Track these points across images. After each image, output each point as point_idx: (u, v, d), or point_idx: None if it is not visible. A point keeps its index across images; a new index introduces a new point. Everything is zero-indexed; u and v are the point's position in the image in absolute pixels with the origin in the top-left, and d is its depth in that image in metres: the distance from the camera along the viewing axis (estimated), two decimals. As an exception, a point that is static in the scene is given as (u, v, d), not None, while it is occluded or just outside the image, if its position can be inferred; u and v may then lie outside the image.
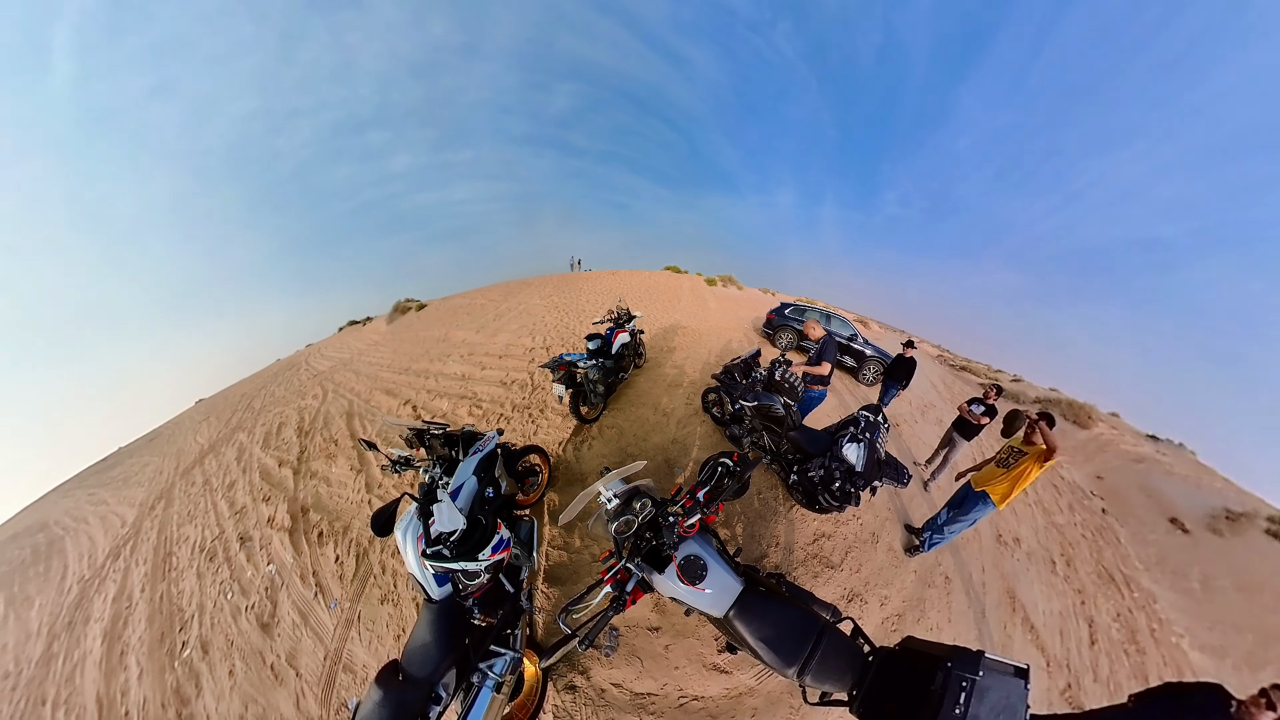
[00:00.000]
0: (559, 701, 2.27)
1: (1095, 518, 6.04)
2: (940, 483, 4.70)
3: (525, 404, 5.41)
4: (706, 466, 2.38)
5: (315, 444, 5.97)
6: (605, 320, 5.38)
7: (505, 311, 11.63)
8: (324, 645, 3.01)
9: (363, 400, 7.26)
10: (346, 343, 13.97)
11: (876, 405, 3.04)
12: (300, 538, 4.05)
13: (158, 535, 5.42)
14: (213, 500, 5.62)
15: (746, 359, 3.75)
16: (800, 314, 8.22)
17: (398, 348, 10.59)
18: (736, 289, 18.15)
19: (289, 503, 4.66)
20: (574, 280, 16.38)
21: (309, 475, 5.11)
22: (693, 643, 2.48)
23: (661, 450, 4.03)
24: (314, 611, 3.26)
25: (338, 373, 9.90)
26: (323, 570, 3.57)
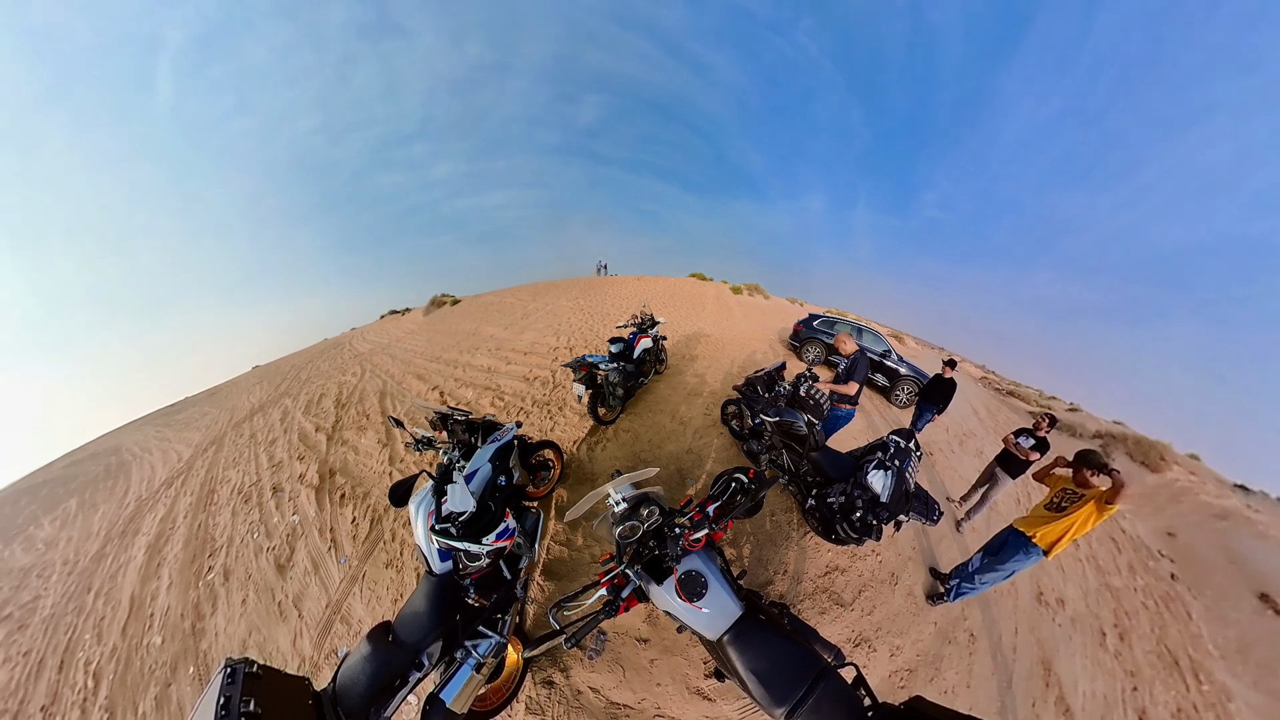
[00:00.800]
0: (534, 693, 2.28)
1: (1162, 584, 5.05)
2: (976, 524, 4.23)
3: (545, 400, 5.55)
4: (720, 481, 2.26)
5: (349, 416, 6.49)
6: (629, 325, 5.41)
7: (533, 311, 12.07)
8: (328, 594, 3.24)
9: (395, 382, 7.79)
10: (386, 329, 15.05)
11: (909, 430, 2.77)
12: (324, 496, 4.41)
13: (205, 473, 6.15)
14: (255, 452, 6.26)
15: (770, 371, 3.56)
16: (829, 326, 7.82)
17: (431, 337, 11.32)
18: (763, 298, 17.65)
19: (319, 464, 5.08)
20: (600, 284, 16.70)
21: (340, 442, 5.54)
22: (680, 662, 2.38)
23: (675, 459, 3.94)
24: (325, 563, 3.52)
25: (376, 355, 10.71)
26: (339, 528, 3.84)
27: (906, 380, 6.62)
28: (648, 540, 1.67)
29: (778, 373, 3.54)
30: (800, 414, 2.87)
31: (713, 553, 1.74)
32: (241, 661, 1.37)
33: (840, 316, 8.50)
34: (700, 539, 1.64)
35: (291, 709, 1.38)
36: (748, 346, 7.96)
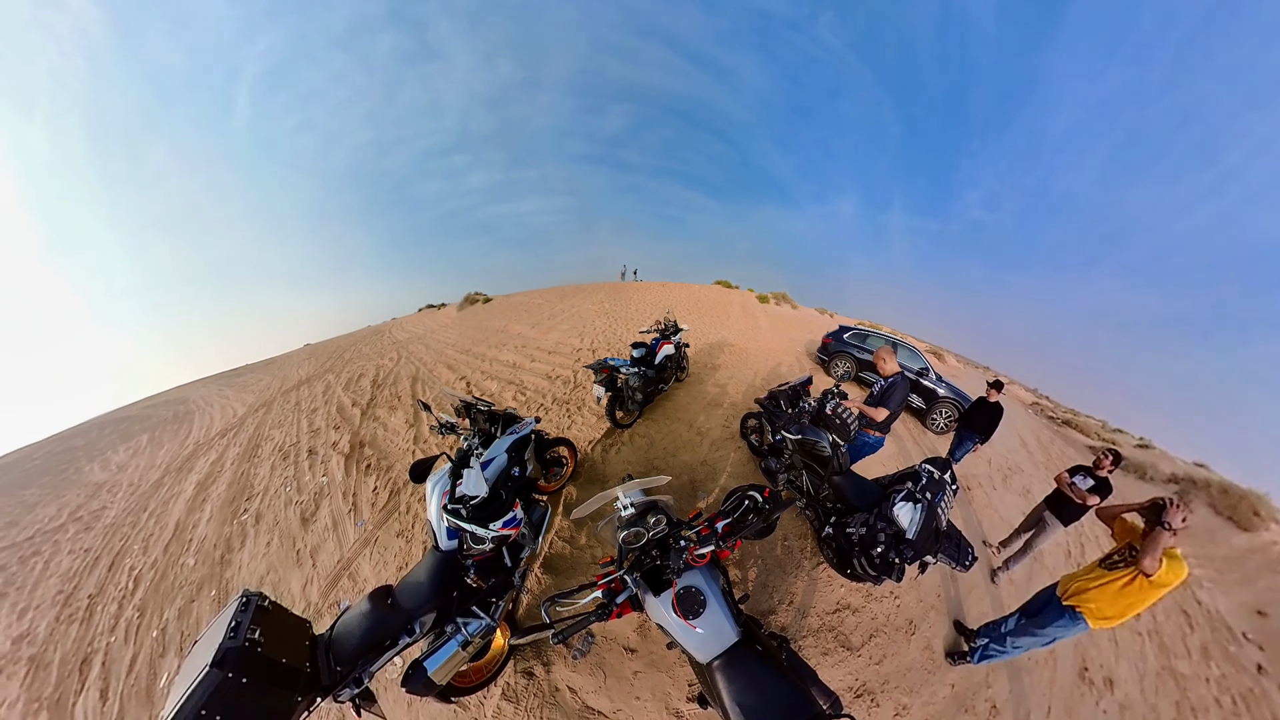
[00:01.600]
0: (513, 681, 2.30)
1: (1244, 677, 3.93)
2: (1015, 576, 3.68)
3: (565, 399, 5.65)
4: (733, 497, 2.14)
5: (383, 395, 7.00)
6: (652, 330, 5.37)
7: (559, 312, 12.42)
8: (341, 551, 3.51)
9: (427, 369, 8.28)
10: (423, 321, 16.26)
11: (945, 460, 2.49)
12: (352, 464, 4.77)
13: (254, 430, 7.03)
14: (298, 417, 7.00)
15: (795, 386, 3.37)
16: (861, 340, 7.24)
17: (463, 331, 11.94)
18: (790, 308, 16.92)
19: (352, 435, 5.53)
20: (625, 289, 17.03)
21: (372, 418, 6.00)
22: (663, 679, 2.29)
23: (689, 470, 3.84)
24: (344, 523, 3.82)
25: (412, 344, 11.44)
26: (361, 494, 4.15)
27: (945, 402, 5.94)
28: (651, 549, 1.63)
29: (803, 387, 3.35)
30: (824, 433, 2.68)
31: (716, 571, 1.67)
32: (256, 594, 1.51)
33: (873, 329, 7.80)
34: (705, 555, 1.58)
35: (290, 644, 1.49)
36: (772, 358, 7.68)
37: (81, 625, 3.63)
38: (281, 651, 1.43)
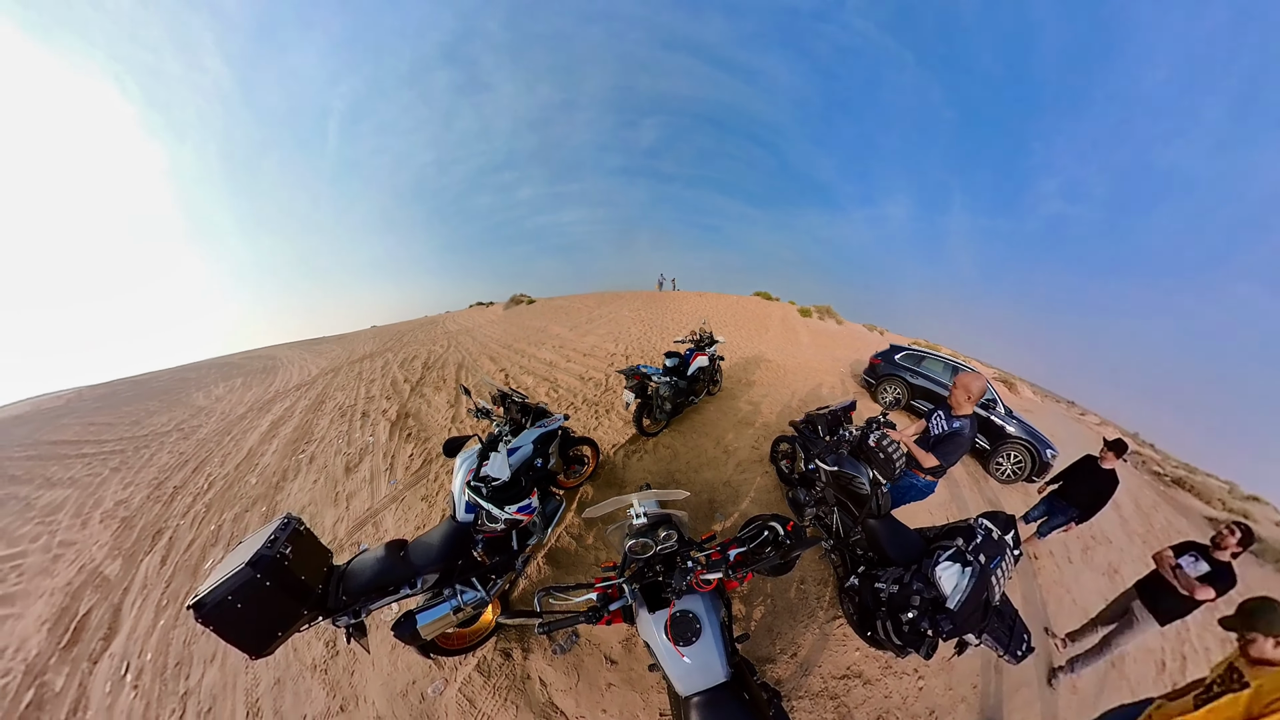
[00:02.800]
0: (490, 656, 2.35)
1: None
2: (1081, 682, 2.76)
3: (595, 401, 5.76)
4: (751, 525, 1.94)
5: (431, 376, 7.86)
6: (686, 340, 5.31)
7: (597, 317, 12.91)
8: (372, 502, 3.96)
9: (472, 358, 9.09)
10: (472, 316, 17.96)
11: (1009, 518, 2.05)
12: (396, 431, 5.38)
13: (322, 389, 8.40)
14: (358, 384, 8.20)
15: (837, 410, 3.04)
16: (916, 362, 6.30)
17: (507, 329, 12.81)
18: (835, 323, 15.75)
19: (400, 406, 6.30)
20: (661, 298, 17.35)
21: (419, 395, 6.76)
22: (635, 699, 2.17)
23: (710, 488, 3.65)
24: (379, 479, 4.30)
25: (461, 335, 12.64)
26: (399, 458, 4.65)
27: (1015, 445, 4.88)
28: (656, 563, 1.57)
29: (845, 413, 3.02)
30: (864, 468, 2.39)
31: (719, 601, 1.56)
32: (295, 519, 1.76)
33: (930, 350, 6.67)
34: (711, 581, 1.47)
35: (311, 566, 1.72)
36: (813, 378, 7.18)
37: (163, 506, 4.69)
38: (303, 570, 1.64)
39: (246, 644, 1.49)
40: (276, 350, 16.56)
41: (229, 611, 1.43)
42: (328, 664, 2.50)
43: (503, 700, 2.17)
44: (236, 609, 1.44)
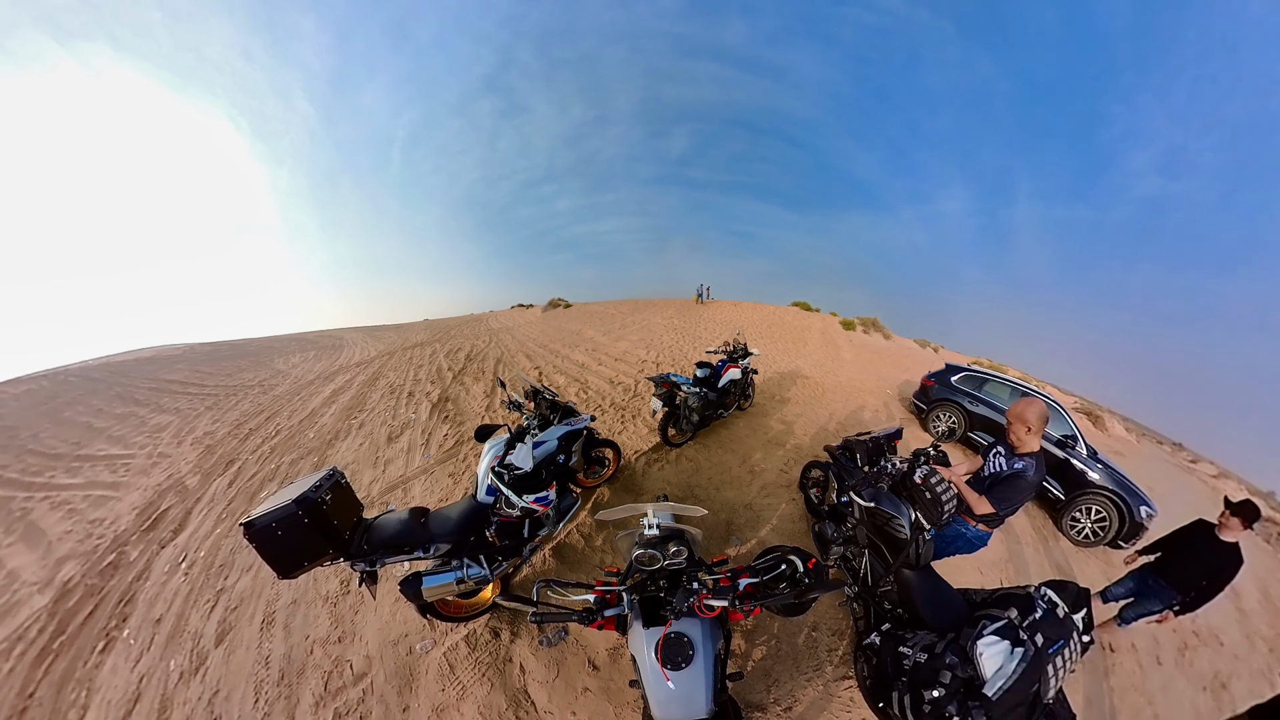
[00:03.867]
0: (479, 630, 2.44)
1: None
2: None
3: (622, 405, 5.79)
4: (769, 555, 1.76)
5: (472, 367, 8.71)
6: (719, 351, 5.15)
7: (630, 324, 13.31)
8: (405, 470, 4.42)
9: (510, 355, 9.80)
10: (513, 316, 19.76)
11: (1082, 592, 1.62)
12: (436, 411, 5.99)
13: (377, 368, 9.63)
14: (408, 368, 9.32)
15: (879, 438, 2.72)
16: (976, 386, 5.44)
17: (544, 329, 13.65)
18: (881, 337, 14.45)
19: (442, 390, 7.09)
20: (696, 307, 17.28)
21: (459, 382, 7.54)
22: (608, 711, 2.10)
23: (729, 509, 3.45)
24: (415, 452, 4.79)
25: (502, 332, 13.82)
26: (434, 436, 5.14)
27: (1098, 496, 3.87)
28: (660, 577, 1.51)
29: (889, 441, 2.71)
30: (906, 508, 2.10)
31: (718, 631, 1.46)
32: (339, 473, 2.01)
33: (993, 372, 5.68)
34: (714, 609, 1.38)
35: (343, 514, 1.96)
36: (854, 398, 6.65)
37: (239, 442, 5.88)
38: (337, 516, 1.88)
39: (278, 565, 1.74)
40: (344, 332, 19.56)
41: (270, 536, 1.69)
42: (338, 599, 2.81)
43: (481, 674, 2.25)
44: (277, 535, 1.70)
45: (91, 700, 2.50)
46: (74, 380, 10.68)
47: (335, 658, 2.46)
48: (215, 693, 2.41)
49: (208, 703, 2.37)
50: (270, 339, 18.64)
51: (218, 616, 2.91)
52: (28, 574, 3.63)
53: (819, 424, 5.27)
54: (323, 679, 2.36)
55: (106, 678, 2.63)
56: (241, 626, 2.80)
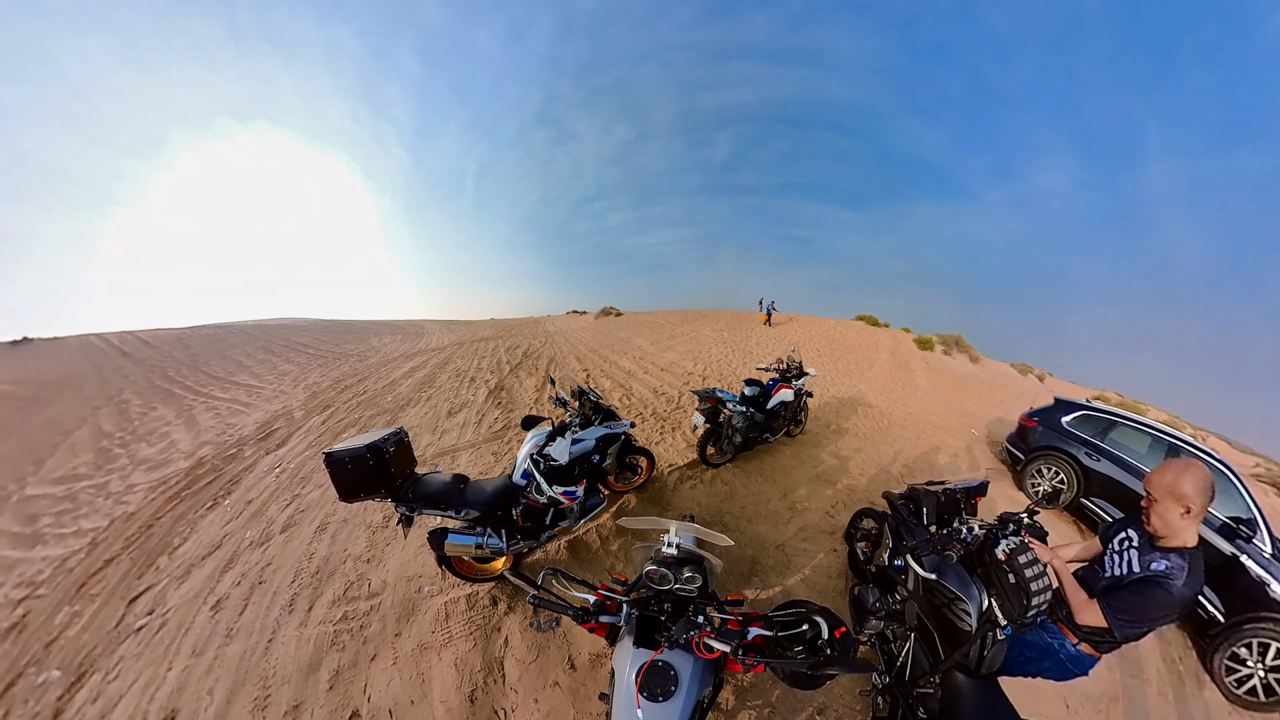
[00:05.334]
0: (480, 592, 2.66)
1: None
2: None
3: (664, 416, 5.73)
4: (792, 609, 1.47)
5: (527, 363, 9.52)
6: (771, 369, 4.79)
7: (679, 334, 13.46)
8: (457, 442, 5.04)
9: (561, 355, 10.40)
10: (568, 321, 21.29)
11: None
12: (492, 397, 6.76)
13: (449, 355, 11.00)
14: (474, 357, 10.50)
15: (957, 491, 2.18)
16: (1099, 431, 3.96)
17: (595, 335, 14.35)
18: (967, 360, 12.14)
19: (499, 380, 7.95)
20: (748, 320, 16.74)
21: (515, 375, 8.37)
22: (568, 712, 2.07)
23: (758, 545, 3.10)
24: (468, 428, 5.43)
25: (556, 335, 14.69)
26: (487, 417, 5.77)
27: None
28: (666, 600, 1.41)
29: (968, 497, 2.17)
30: (978, 589, 1.65)
31: (710, 676, 1.32)
32: (404, 432, 2.41)
33: (1126, 413, 4.02)
34: (714, 651, 1.23)
35: (400, 465, 2.30)
36: (928, 436, 5.67)
37: (335, 393, 7.60)
38: (395, 465, 2.23)
39: (341, 490, 2.14)
40: (425, 323, 23.00)
41: (342, 467, 2.09)
42: (378, 530, 3.34)
43: (468, 633, 2.41)
44: (347, 468, 2.10)
45: (190, 536, 3.64)
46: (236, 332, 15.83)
47: (360, 573, 2.93)
48: (268, 564, 3.14)
49: (260, 569, 3.10)
50: (370, 322, 23.04)
51: (289, 513, 3.76)
52: (181, 445, 5.64)
53: (880, 464, 4.58)
54: (345, 585, 2.83)
55: (205, 526, 3.76)
56: (302, 525, 3.55)
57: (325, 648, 2.41)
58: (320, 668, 2.30)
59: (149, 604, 2.92)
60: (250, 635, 2.56)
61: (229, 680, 2.29)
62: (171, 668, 2.42)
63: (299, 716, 2.09)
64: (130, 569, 3.30)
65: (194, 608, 2.83)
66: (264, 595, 2.85)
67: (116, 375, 9.42)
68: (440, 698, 2.12)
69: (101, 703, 2.26)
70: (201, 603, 2.86)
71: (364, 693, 2.17)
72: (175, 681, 2.32)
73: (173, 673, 2.38)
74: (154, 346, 12.60)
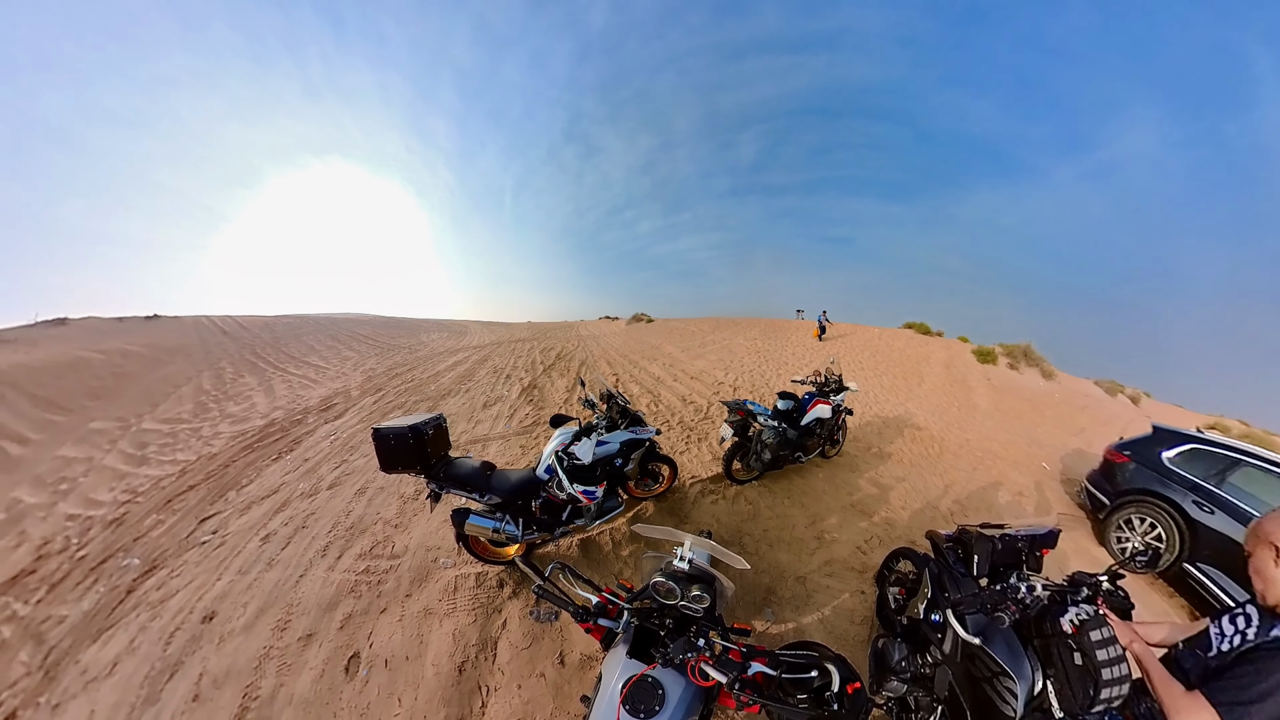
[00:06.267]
0: (490, 573, 2.79)
1: None
2: None
3: (690, 425, 5.64)
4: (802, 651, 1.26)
5: (559, 365, 10.02)
6: (807, 381, 4.49)
7: (710, 342, 13.48)
8: (488, 432, 5.44)
9: (593, 359, 10.84)
10: (600, 326, 22.45)
11: None
12: (525, 394, 7.20)
13: (488, 352, 11.95)
14: (511, 356, 11.25)
15: (1019, 538, 1.81)
16: (1214, 471, 3.16)
17: (626, 341, 14.83)
18: (1039, 375, 10.17)
19: (532, 378, 8.47)
20: (783, 328, 16.45)
21: (547, 375, 8.87)
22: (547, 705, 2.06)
23: (777, 574, 2.86)
24: (500, 421, 5.82)
25: (589, 339, 15.31)
26: (518, 412, 6.19)
27: None
28: (668, 615, 1.35)
29: (1032, 547, 1.80)
30: (1032, 664, 1.37)
31: (699, 705, 1.23)
32: (443, 418, 2.62)
33: (1256, 449, 3.17)
34: (709, 679, 1.15)
35: (436, 447, 2.52)
36: (987, 467, 4.95)
37: (387, 379, 8.52)
38: (431, 446, 2.45)
39: (382, 462, 2.38)
40: (468, 323, 24.83)
41: (386, 442, 2.34)
42: (409, 500, 3.71)
43: (471, 608, 2.55)
44: (390, 443, 2.34)
45: (255, 480, 4.33)
46: (310, 322, 18.22)
47: (386, 535, 3.25)
48: (312, 513, 3.62)
49: (305, 516, 3.58)
50: (421, 320, 25.47)
51: (336, 474, 4.33)
52: (259, 407, 6.78)
53: (927, 497, 4.09)
54: (372, 543, 3.17)
55: (268, 474, 4.47)
56: (345, 486, 4.06)
57: (345, 593, 2.70)
58: (337, 608, 2.59)
59: (214, 525, 3.54)
60: (286, 568, 2.96)
61: (261, 600, 2.68)
62: (220, 579, 2.89)
63: (310, 643, 2.36)
64: (205, 496, 4.05)
65: (247, 536, 3.35)
66: (304, 538, 3.28)
67: (217, 348, 11.21)
68: (433, 661, 2.25)
69: (162, 591, 2.81)
70: (254, 533, 3.38)
71: (368, 639, 2.38)
72: (220, 590, 2.78)
73: (220, 583, 2.85)
74: (246, 329, 14.62)
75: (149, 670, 2.28)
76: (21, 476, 4.45)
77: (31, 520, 3.69)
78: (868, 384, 8.35)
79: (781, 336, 14.17)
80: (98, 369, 7.91)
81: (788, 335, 14.44)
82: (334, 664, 2.25)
